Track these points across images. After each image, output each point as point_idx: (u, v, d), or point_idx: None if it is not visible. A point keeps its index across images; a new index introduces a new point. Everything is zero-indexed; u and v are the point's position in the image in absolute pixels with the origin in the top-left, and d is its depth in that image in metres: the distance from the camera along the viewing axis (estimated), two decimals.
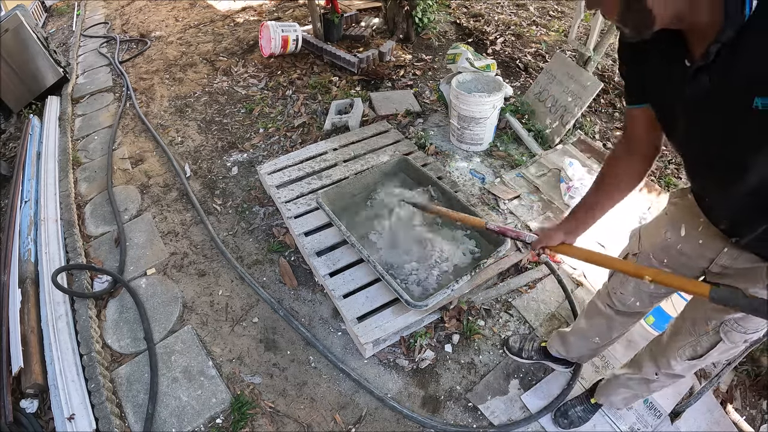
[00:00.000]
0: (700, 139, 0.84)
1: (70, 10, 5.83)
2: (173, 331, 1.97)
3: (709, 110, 0.77)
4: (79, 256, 2.26)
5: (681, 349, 1.18)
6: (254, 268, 2.23)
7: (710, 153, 0.85)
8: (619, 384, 1.47)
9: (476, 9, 4.54)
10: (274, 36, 3.67)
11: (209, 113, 3.37)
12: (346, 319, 1.83)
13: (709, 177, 0.92)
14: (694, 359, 1.16)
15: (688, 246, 1.07)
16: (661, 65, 0.84)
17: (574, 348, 1.61)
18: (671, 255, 1.12)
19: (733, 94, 0.71)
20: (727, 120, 0.75)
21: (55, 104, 3.60)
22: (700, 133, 0.83)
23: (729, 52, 0.68)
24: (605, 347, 1.58)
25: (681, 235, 1.09)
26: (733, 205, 0.88)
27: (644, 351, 1.38)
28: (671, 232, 1.11)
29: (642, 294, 1.27)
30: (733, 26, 0.65)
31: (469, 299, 1.99)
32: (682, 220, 1.09)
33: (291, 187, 2.42)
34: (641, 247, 1.22)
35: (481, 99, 2.50)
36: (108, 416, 1.62)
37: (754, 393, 1.74)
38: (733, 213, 0.91)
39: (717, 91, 0.74)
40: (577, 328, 1.58)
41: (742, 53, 0.67)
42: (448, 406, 1.71)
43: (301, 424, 1.68)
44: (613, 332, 1.46)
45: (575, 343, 1.59)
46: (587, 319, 1.52)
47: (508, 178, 2.58)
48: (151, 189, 2.73)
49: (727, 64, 0.70)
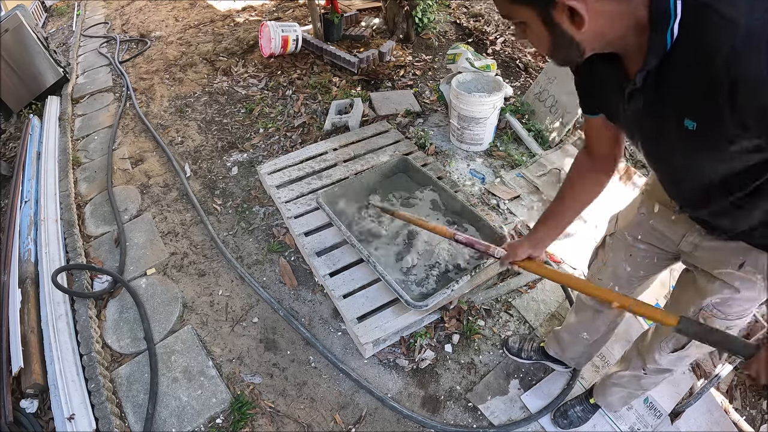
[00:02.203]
0: (645, 148, 0.90)
1: (70, 10, 5.83)
2: (173, 331, 1.97)
3: (647, 127, 0.82)
4: (79, 256, 2.26)
5: (664, 341, 1.18)
6: (254, 268, 2.23)
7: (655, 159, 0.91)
8: (612, 383, 1.47)
9: (476, 9, 4.54)
10: (274, 36, 3.67)
11: (209, 113, 3.37)
12: (346, 319, 1.83)
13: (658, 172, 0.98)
14: (677, 350, 1.16)
15: (661, 222, 1.11)
16: (603, 80, 0.87)
17: (568, 348, 1.61)
18: (645, 230, 1.16)
19: (665, 115, 0.74)
20: (664, 136, 0.79)
21: (55, 104, 3.60)
22: (643, 143, 0.89)
23: (656, 78, 0.71)
24: (597, 346, 1.58)
25: (654, 212, 1.12)
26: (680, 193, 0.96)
27: (632, 347, 1.39)
28: (645, 209, 1.15)
29: (620, 279, 1.28)
30: (656, 55, 0.68)
31: (469, 299, 1.99)
32: (655, 198, 1.12)
33: (291, 187, 2.42)
34: (617, 227, 1.26)
35: (481, 99, 2.50)
36: (108, 416, 1.62)
37: (754, 393, 1.74)
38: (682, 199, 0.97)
39: (651, 112, 0.77)
40: (567, 323, 1.59)
41: (667, 79, 0.70)
42: (448, 406, 1.71)
43: (301, 424, 1.68)
44: (600, 326, 1.46)
45: (568, 340, 1.60)
46: (575, 313, 1.54)
47: (508, 178, 2.58)
48: (151, 189, 2.74)
49: (656, 89, 0.73)
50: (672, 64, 0.68)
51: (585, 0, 0.65)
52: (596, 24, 0.68)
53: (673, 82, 0.70)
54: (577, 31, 0.69)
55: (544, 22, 0.71)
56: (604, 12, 0.67)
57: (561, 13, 0.68)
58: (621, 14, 0.67)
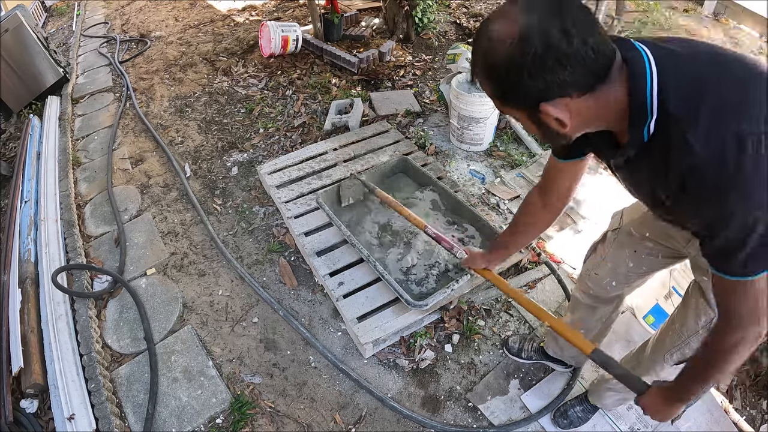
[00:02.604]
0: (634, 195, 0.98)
1: (70, 10, 5.83)
2: (173, 331, 1.97)
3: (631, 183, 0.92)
4: (79, 256, 2.26)
5: (668, 353, 1.18)
6: (254, 268, 2.23)
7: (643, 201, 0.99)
8: (606, 388, 1.47)
9: (476, 9, 4.54)
10: (274, 36, 3.67)
11: (209, 113, 3.37)
12: (346, 319, 1.83)
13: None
14: (681, 363, 1.17)
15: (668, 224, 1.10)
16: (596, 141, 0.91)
17: (566, 346, 1.61)
18: (653, 229, 1.17)
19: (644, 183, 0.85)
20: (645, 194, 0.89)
21: (55, 104, 3.60)
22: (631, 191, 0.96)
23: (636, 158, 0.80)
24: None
25: None
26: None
27: (632, 357, 1.38)
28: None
29: (618, 275, 1.29)
30: (633, 147, 0.78)
31: (469, 299, 1.99)
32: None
33: (291, 187, 2.42)
34: (622, 223, 1.27)
35: (481, 99, 2.50)
36: (108, 416, 1.62)
37: (754, 393, 1.74)
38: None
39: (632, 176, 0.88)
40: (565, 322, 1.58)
41: (644, 164, 0.80)
42: (448, 406, 1.71)
43: (301, 424, 1.68)
44: (596, 322, 1.47)
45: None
46: (571, 312, 1.54)
47: (508, 178, 2.58)
48: (151, 189, 2.74)
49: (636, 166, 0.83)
50: (645, 155, 0.77)
51: (566, 106, 0.71)
52: (581, 120, 0.75)
53: (647, 165, 0.79)
54: (562, 128, 0.75)
55: (532, 121, 0.78)
56: (587, 109, 0.73)
57: (546, 116, 0.73)
58: (605, 106, 0.74)
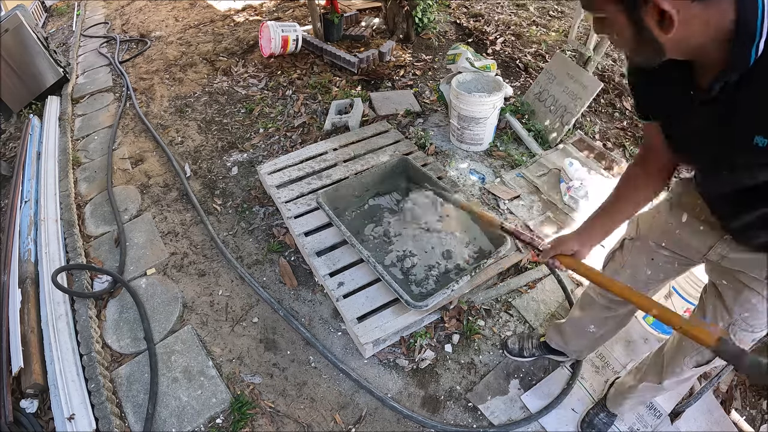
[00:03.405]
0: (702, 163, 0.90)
1: (70, 10, 5.83)
2: (173, 331, 1.97)
3: (710, 139, 0.81)
4: (79, 256, 2.26)
5: (687, 358, 1.18)
6: (254, 268, 2.23)
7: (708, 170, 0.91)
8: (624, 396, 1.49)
9: (476, 9, 4.54)
10: (274, 36, 3.67)
11: (209, 113, 3.37)
12: (346, 319, 1.83)
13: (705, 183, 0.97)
14: (701, 366, 1.17)
15: (688, 232, 1.09)
16: (667, 90, 0.85)
17: (571, 340, 1.61)
18: (669, 238, 1.15)
19: (735, 130, 0.73)
20: (727, 151, 0.79)
21: (55, 104, 3.60)
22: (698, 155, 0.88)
23: (732, 91, 0.70)
24: (603, 340, 1.58)
25: (682, 221, 1.10)
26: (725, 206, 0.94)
27: (651, 362, 1.37)
28: (672, 218, 1.13)
29: (638, 282, 1.27)
30: (737, 69, 0.67)
31: (469, 299, 1.99)
32: (683, 208, 1.10)
33: (291, 187, 2.42)
34: (639, 232, 1.23)
35: (481, 99, 2.50)
36: (108, 416, 1.62)
37: (754, 393, 1.74)
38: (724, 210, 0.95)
39: (719, 125, 0.76)
40: (572, 317, 1.59)
41: (744, 94, 0.69)
42: (448, 406, 1.71)
43: (301, 424, 1.68)
44: (609, 322, 1.46)
45: (571, 333, 1.60)
46: (581, 309, 1.53)
47: (508, 178, 2.58)
48: (151, 189, 2.73)
49: (729, 102, 0.72)
50: (751, 80, 0.67)
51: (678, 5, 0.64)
52: (683, 30, 0.67)
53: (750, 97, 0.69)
54: (664, 34, 0.68)
55: (631, 20, 0.69)
56: (693, 18, 0.65)
57: (650, 15, 0.66)
58: (708, 23, 0.66)
